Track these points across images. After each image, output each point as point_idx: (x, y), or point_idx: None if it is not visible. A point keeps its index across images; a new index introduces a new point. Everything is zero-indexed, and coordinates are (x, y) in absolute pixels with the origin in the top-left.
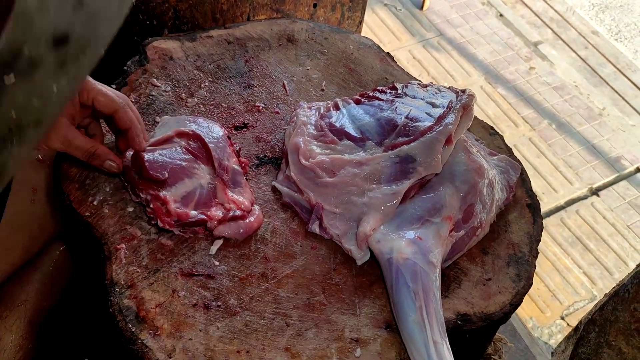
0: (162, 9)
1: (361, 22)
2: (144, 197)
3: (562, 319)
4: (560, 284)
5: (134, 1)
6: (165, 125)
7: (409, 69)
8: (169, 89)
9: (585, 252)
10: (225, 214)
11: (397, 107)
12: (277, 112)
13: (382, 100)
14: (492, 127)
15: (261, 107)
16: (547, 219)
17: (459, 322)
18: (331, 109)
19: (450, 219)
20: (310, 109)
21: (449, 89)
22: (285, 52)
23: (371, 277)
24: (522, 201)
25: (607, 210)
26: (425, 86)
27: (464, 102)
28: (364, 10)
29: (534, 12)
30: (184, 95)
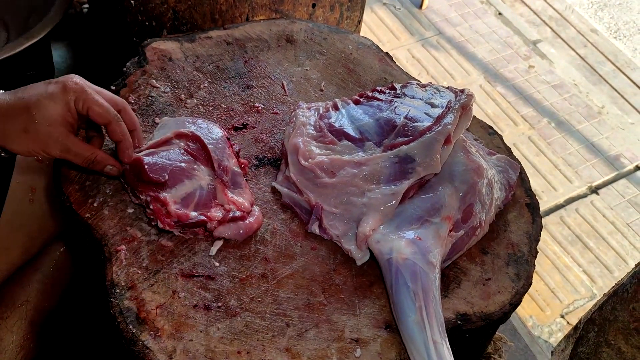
0: (161, 10)
1: (360, 21)
2: (144, 198)
3: (562, 317)
4: (560, 283)
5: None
6: (164, 126)
7: (408, 68)
8: (168, 90)
9: (585, 250)
10: (225, 215)
11: (396, 108)
12: (276, 113)
13: (381, 100)
14: (491, 127)
15: (260, 108)
16: (547, 218)
17: (459, 322)
18: (330, 109)
19: (449, 219)
20: (309, 109)
21: (447, 88)
22: (284, 53)
23: (371, 278)
24: (521, 201)
25: (606, 208)
26: (424, 86)
27: (463, 102)
28: (363, 9)
29: (532, 10)
30: (183, 96)
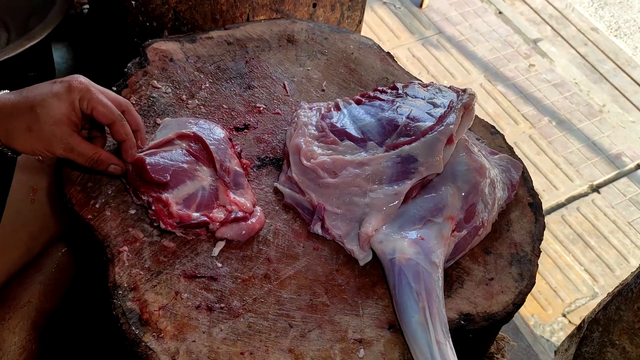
0: (162, 10)
1: (361, 21)
2: (146, 199)
3: (563, 316)
4: (561, 282)
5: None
6: (166, 127)
7: (409, 67)
8: (169, 90)
9: (586, 249)
10: (227, 216)
11: (398, 107)
12: (277, 113)
13: (383, 100)
14: (493, 126)
15: (262, 108)
16: (548, 217)
17: (462, 322)
18: (332, 109)
19: (452, 218)
20: (311, 109)
21: (449, 88)
22: (285, 53)
23: (374, 278)
24: (524, 200)
25: (608, 207)
26: (425, 86)
27: (465, 102)
28: (364, 9)
29: (533, 9)
30: (184, 96)
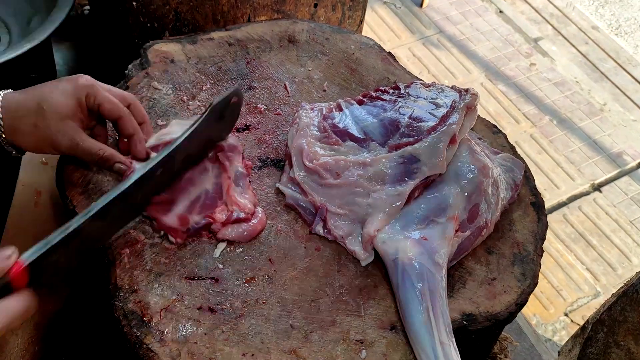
0: (163, 11)
1: (362, 21)
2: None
3: (565, 315)
4: (563, 281)
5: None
6: (172, 132)
7: (409, 66)
8: (170, 92)
9: (588, 248)
10: (228, 217)
11: (400, 108)
12: (279, 114)
13: (385, 100)
14: (494, 126)
15: (263, 109)
16: (550, 216)
17: (465, 323)
18: (334, 110)
19: (455, 219)
20: (312, 110)
21: (451, 88)
22: (286, 53)
23: (376, 279)
24: (526, 199)
25: (609, 206)
26: (427, 86)
27: (468, 102)
28: (365, 9)
29: (533, 8)
30: (185, 98)
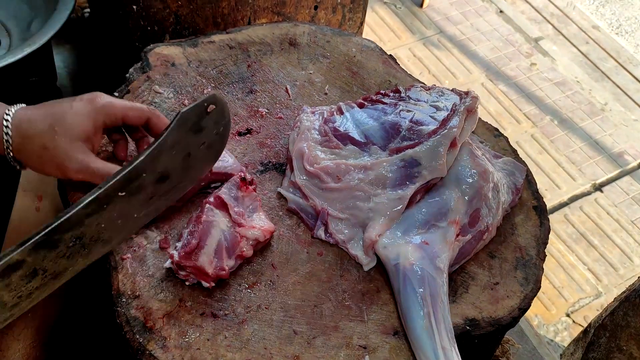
0: (163, 14)
1: (362, 23)
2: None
3: (567, 316)
4: (565, 281)
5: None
6: None
7: (410, 67)
8: (171, 95)
9: (589, 248)
10: (255, 245)
11: (400, 111)
12: (280, 117)
13: (386, 103)
14: (496, 129)
15: (264, 113)
16: (551, 216)
17: (468, 328)
18: (335, 113)
19: (456, 223)
20: (313, 113)
21: (452, 91)
22: (287, 56)
23: (378, 283)
24: (529, 203)
25: (610, 205)
26: (428, 89)
27: (468, 105)
28: (365, 11)
29: (534, 7)
30: (186, 101)
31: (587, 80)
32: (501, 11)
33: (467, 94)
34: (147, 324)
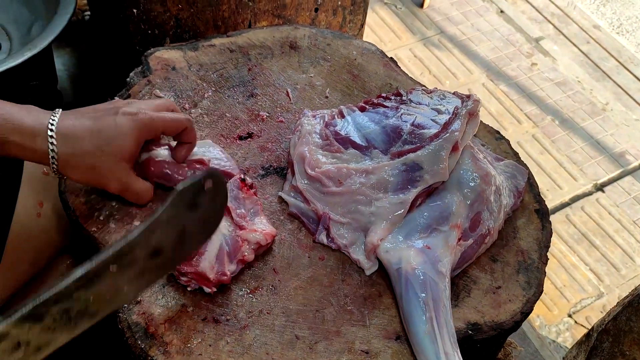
0: (164, 18)
1: (363, 24)
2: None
3: (569, 316)
4: (566, 281)
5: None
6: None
7: (411, 67)
8: (172, 99)
9: (591, 248)
10: (257, 249)
11: (402, 114)
12: (281, 121)
13: (387, 107)
14: (497, 132)
15: (265, 116)
16: (552, 216)
17: (470, 332)
18: (336, 117)
19: (458, 227)
20: (314, 117)
21: (453, 94)
22: (288, 60)
23: (380, 288)
24: (530, 207)
25: (612, 206)
26: (429, 92)
27: (470, 108)
28: (366, 13)
29: (534, 7)
30: (187, 105)
31: (588, 80)
32: (502, 11)
33: (469, 97)
34: (149, 330)
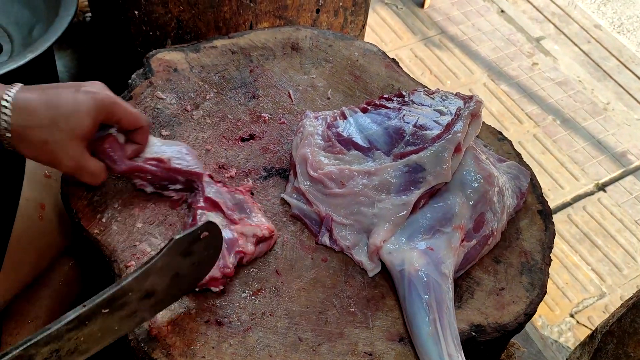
0: (165, 19)
1: (364, 25)
2: None
3: (571, 316)
4: (568, 281)
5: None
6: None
7: (412, 68)
8: (174, 101)
9: (593, 248)
10: (256, 241)
11: (404, 116)
12: (283, 123)
13: (389, 108)
14: (500, 132)
15: (267, 118)
16: (554, 216)
17: (473, 334)
18: (338, 118)
19: (461, 228)
20: (316, 118)
21: (456, 95)
22: (290, 61)
23: (383, 289)
24: (533, 207)
25: (614, 205)
26: (431, 93)
27: (472, 109)
28: (367, 13)
29: (535, 7)
30: (189, 107)
31: (589, 79)
32: (502, 11)
33: (471, 98)
34: (152, 333)
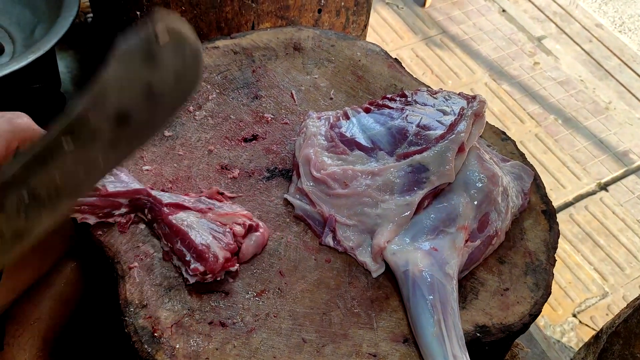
0: None
1: (366, 25)
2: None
3: (574, 316)
4: (571, 281)
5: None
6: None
7: (413, 67)
8: None
9: (595, 248)
10: (245, 228)
11: (407, 116)
12: (286, 123)
13: (392, 108)
14: (503, 132)
15: (270, 118)
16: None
17: (478, 334)
18: (341, 118)
19: (465, 228)
20: (319, 119)
21: (459, 95)
22: (292, 61)
23: (387, 290)
24: (537, 208)
25: (616, 205)
26: (434, 93)
27: (476, 109)
28: (369, 13)
29: (536, 6)
30: (191, 108)
31: (591, 78)
32: (504, 10)
33: (475, 98)
34: (155, 334)
